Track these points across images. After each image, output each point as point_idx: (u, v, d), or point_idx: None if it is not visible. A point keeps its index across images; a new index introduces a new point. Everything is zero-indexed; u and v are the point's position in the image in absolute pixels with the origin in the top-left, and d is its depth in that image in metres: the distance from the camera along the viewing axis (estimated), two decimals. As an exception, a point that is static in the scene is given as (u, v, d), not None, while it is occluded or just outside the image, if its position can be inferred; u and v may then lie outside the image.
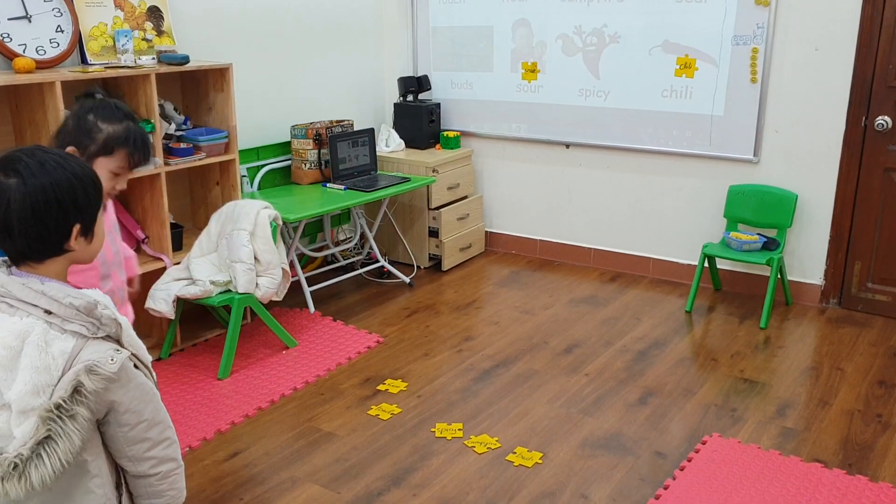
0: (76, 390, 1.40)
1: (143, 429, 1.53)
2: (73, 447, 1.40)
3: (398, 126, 5.08)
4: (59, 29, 3.37)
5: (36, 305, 1.45)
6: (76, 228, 1.51)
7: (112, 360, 1.44)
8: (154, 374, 1.59)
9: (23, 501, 1.44)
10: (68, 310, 1.44)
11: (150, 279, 3.54)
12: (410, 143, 5.04)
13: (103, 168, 2.03)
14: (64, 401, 1.39)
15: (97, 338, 1.47)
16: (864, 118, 3.95)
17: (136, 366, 1.52)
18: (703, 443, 2.95)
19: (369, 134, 4.69)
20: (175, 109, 3.77)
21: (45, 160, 1.49)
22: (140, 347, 1.56)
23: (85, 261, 1.62)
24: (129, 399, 1.50)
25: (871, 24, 3.82)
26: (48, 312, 1.44)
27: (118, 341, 1.50)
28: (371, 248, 4.78)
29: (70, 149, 1.98)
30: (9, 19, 3.21)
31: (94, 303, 1.47)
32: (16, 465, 1.38)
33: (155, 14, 3.73)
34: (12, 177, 1.46)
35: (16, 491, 1.37)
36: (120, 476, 1.59)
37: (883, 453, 2.89)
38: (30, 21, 3.28)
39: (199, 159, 3.68)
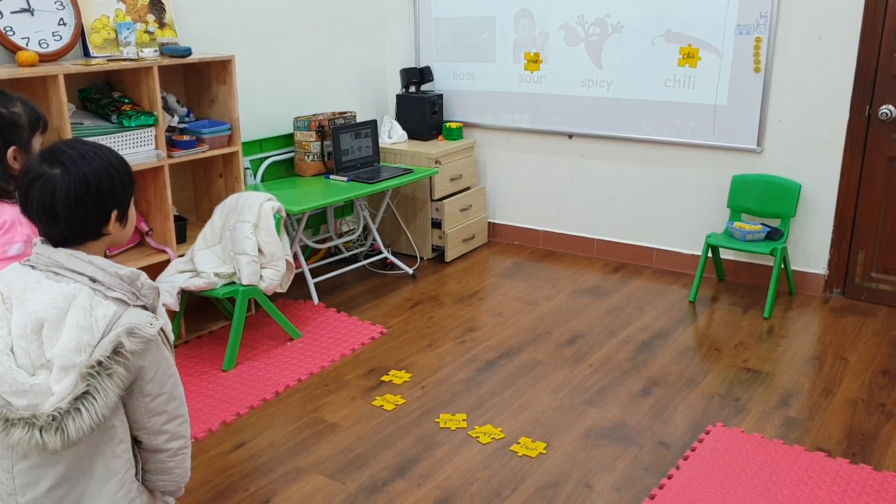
0: (116, 350, 1.50)
1: (162, 401, 1.61)
2: (108, 403, 1.50)
3: (400, 117, 5.07)
4: (61, 22, 3.37)
5: (82, 273, 1.56)
6: (114, 214, 1.64)
7: (151, 324, 1.55)
8: (174, 352, 1.66)
9: (56, 458, 1.52)
10: (113, 278, 1.58)
11: (154, 271, 3.55)
12: (413, 135, 5.04)
13: (37, 144, 2.09)
14: (104, 359, 1.49)
15: (136, 306, 1.58)
16: (867, 107, 3.94)
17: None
18: (707, 432, 2.96)
19: (372, 125, 4.69)
20: (178, 102, 3.77)
21: (85, 151, 1.62)
22: (167, 323, 1.64)
23: (119, 243, 1.75)
24: (156, 368, 1.58)
25: (874, 12, 3.80)
26: (93, 280, 1.57)
27: (153, 312, 1.61)
28: (374, 239, 4.79)
29: (11, 150, 2.02)
30: (12, 12, 3.21)
31: (136, 274, 1.63)
32: (54, 418, 1.46)
33: (157, 6, 3.72)
34: (56, 167, 1.58)
35: (53, 442, 1.46)
36: (135, 451, 1.66)
37: (886, 442, 2.90)
38: (32, 14, 3.28)
39: (203, 151, 3.69)
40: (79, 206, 1.58)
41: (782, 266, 4.11)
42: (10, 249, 1.98)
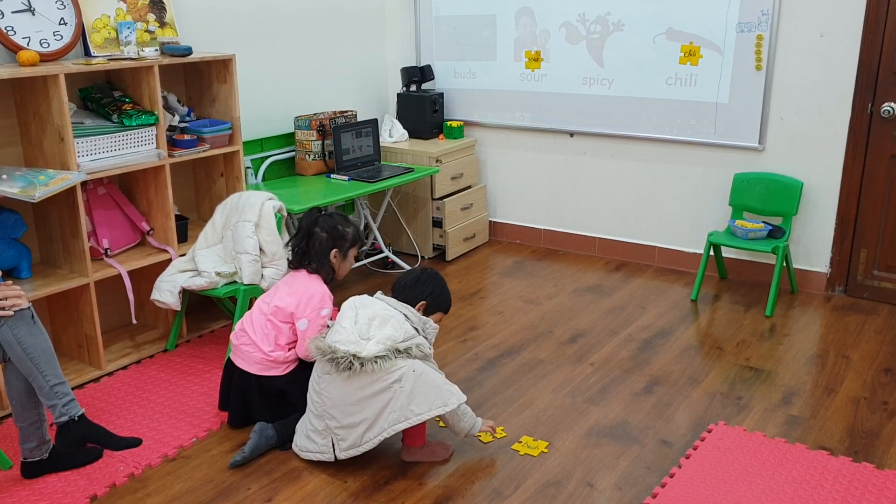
0: (409, 348, 2.64)
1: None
2: (392, 366, 2.60)
3: (401, 116, 5.07)
4: (62, 21, 3.37)
5: (400, 311, 2.77)
6: (422, 304, 2.90)
7: (429, 346, 2.74)
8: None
9: (363, 380, 2.62)
10: (414, 317, 2.79)
11: (155, 271, 3.55)
12: (414, 134, 5.04)
13: (351, 255, 3.11)
14: (405, 349, 2.63)
15: (423, 336, 2.75)
16: (869, 105, 3.93)
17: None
18: (709, 431, 2.95)
19: (373, 124, 4.69)
20: (178, 101, 3.77)
21: (425, 277, 3.00)
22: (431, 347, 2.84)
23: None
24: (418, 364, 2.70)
25: (876, 9, 3.80)
26: (405, 316, 2.76)
27: (430, 343, 2.79)
28: (375, 238, 4.78)
29: (334, 251, 3.01)
30: (13, 12, 3.21)
31: (427, 319, 2.84)
32: (368, 360, 2.59)
33: (157, 5, 3.72)
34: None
35: (369, 366, 2.57)
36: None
37: (889, 441, 2.89)
38: (33, 14, 3.28)
39: (204, 151, 3.68)
40: (407, 290, 2.90)
41: (784, 264, 4.11)
42: (323, 311, 2.89)
